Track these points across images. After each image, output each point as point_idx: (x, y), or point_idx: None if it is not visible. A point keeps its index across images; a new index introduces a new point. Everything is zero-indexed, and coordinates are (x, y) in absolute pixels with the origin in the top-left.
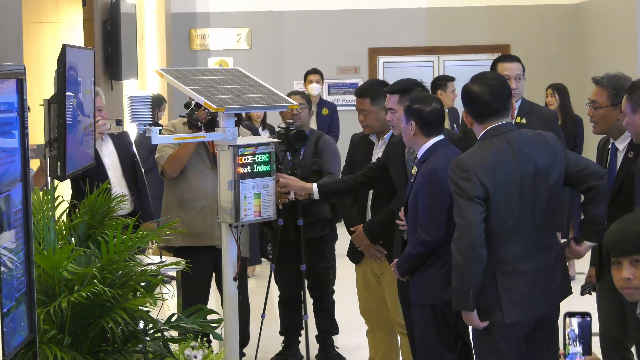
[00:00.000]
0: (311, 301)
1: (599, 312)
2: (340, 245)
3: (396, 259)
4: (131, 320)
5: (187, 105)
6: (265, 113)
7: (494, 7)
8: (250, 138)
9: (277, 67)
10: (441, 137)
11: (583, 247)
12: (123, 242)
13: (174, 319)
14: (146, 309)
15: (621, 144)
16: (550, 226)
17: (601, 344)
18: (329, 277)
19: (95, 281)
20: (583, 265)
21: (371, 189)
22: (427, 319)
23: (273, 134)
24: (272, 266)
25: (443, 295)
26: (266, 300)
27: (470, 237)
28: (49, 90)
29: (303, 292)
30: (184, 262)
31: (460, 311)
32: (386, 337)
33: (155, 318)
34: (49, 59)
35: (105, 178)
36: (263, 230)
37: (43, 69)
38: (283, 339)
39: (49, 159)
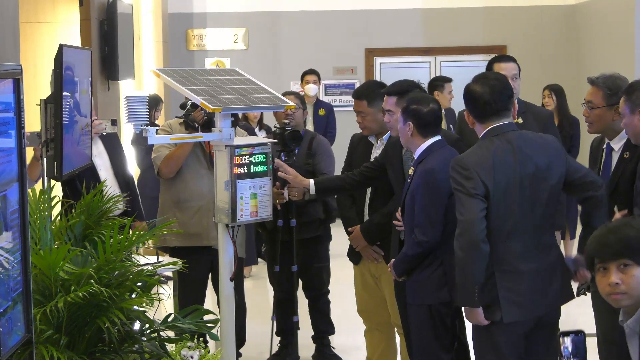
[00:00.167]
0: (306, 302)
1: (594, 313)
2: (337, 246)
3: (393, 260)
4: (128, 320)
5: (182, 105)
6: (262, 113)
7: (490, 8)
8: (247, 138)
9: (273, 67)
10: (438, 137)
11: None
12: (120, 242)
13: (170, 319)
14: (143, 309)
15: (617, 145)
16: (550, 226)
17: (598, 345)
18: (323, 277)
19: (92, 281)
20: None
21: (367, 188)
22: (423, 319)
23: (269, 134)
24: (276, 267)
25: (440, 295)
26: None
27: (471, 233)
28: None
29: (292, 293)
30: (181, 263)
31: (462, 309)
32: (384, 338)
33: (151, 318)
34: (45, 59)
35: (96, 178)
36: (257, 230)
37: (40, 69)
38: (279, 339)
39: (45, 159)
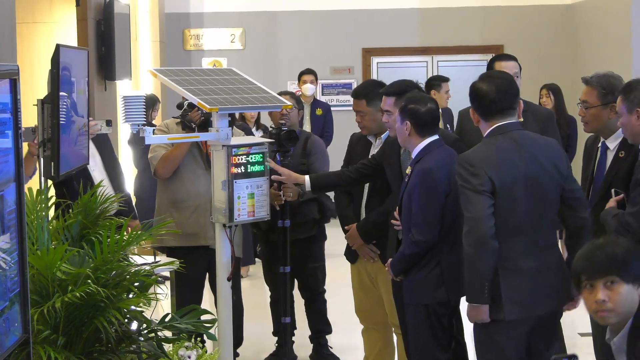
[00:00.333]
0: (302, 302)
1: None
2: (334, 245)
3: (390, 259)
4: (125, 320)
5: (179, 106)
6: (259, 113)
7: (487, 8)
8: (244, 138)
9: (270, 67)
10: (436, 137)
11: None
12: (117, 242)
13: (167, 319)
14: (140, 309)
15: (612, 143)
16: (552, 226)
17: (594, 345)
18: (318, 277)
19: (89, 281)
20: None
21: (363, 185)
22: (420, 319)
23: (266, 134)
24: (286, 268)
25: (437, 295)
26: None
27: (480, 230)
28: (42, 91)
29: (285, 294)
30: (178, 262)
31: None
32: (381, 337)
33: (149, 318)
34: (42, 59)
35: (89, 179)
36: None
37: (37, 69)
38: (276, 339)
39: (42, 159)
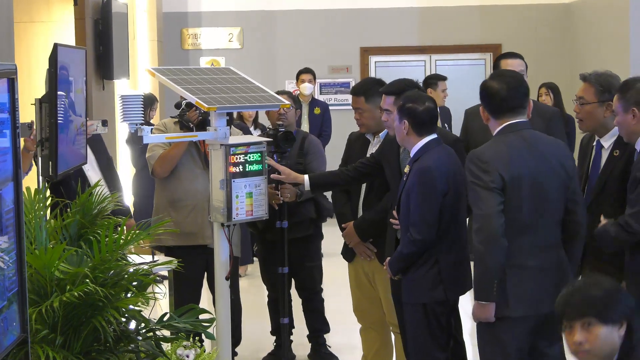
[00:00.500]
0: (300, 301)
1: None
2: (331, 245)
3: (388, 258)
4: (123, 319)
5: (177, 105)
6: (257, 112)
7: (485, 7)
8: (242, 137)
9: (268, 66)
10: (434, 136)
11: None
12: (115, 241)
13: (166, 318)
14: (138, 308)
15: (607, 142)
16: (558, 225)
17: None
18: (315, 276)
19: (87, 280)
20: None
21: (362, 184)
22: (419, 318)
23: (264, 133)
24: (285, 269)
25: (435, 294)
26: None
27: (491, 227)
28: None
29: (283, 295)
30: (176, 262)
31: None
32: (379, 336)
33: (147, 317)
34: (40, 58)
35: (84, 179)
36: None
37: (34, 69)
38: (274, 338)
39: (40, 158)
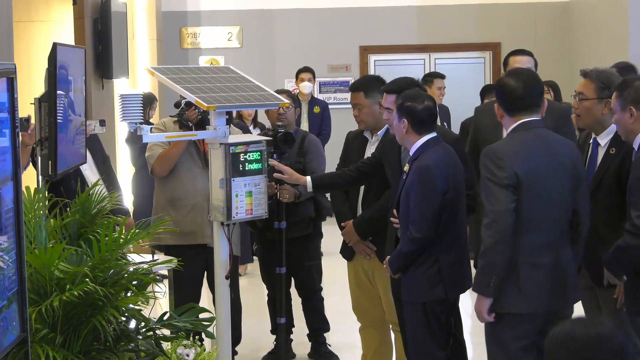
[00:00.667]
0: (300, 300)
1: (585, 314)
2: (330, 243)
3: (388, 256)
4: (123, 318)
5: (177, 104)
6: (256, 111)
7: (484, 5)
8: (242, 136)
9: (268, 65)
10: (433, 134)
11: None
12: (115, 240)
13: (166, 317)
14: (138, 307)
15: (603, 140)
16: (569, 224)
17: None
18: (314, 275)
19: (87, 280)
20: None
21: (365, 184)
22: (418, 316)
23: (263, 132)
24: (282, 269)
25: (434, 293)
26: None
27: (503, 224)
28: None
29: (281, 294)
30: (176, 261)
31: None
32: (378, 335)
33: (147, 317)
34: (39, 57)
35: (82, 179)
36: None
37: (34, 68)
38: (274, 337)
39: (40, 157)
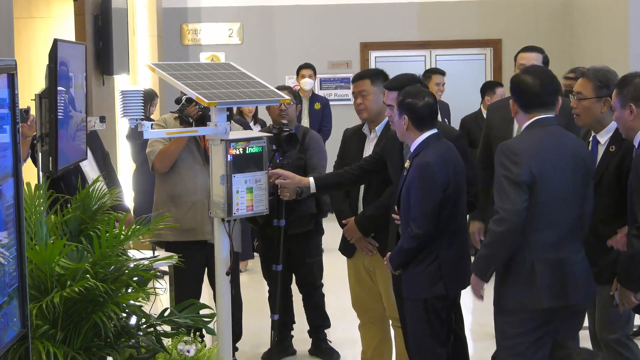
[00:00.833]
0: (301, 296)
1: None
2: (332, 240)
3: (389, 253)
4: (124, 315)
5: (177, 100)
6: (256, 108)
7: (485, 2)
8: (242, 132)
9: (269, 62)
10: (434, 131)
11: None
12: (115, 236)
13: (166, 313)
14: (139, 303)
15: (603, 138)
16: (580, 221)
17: (591, 339)
18: (315, 272)
19: (88, 276)
20: None
21: (367, 182)
22: (419, 313)
23: (264, 128)
24: (279, 267)
25: (435, 289)
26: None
27: (514, 221)
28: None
29: (276, 292)
30: (177, 257)
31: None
32: (378, 331)
33: (147, 313)
34: (40, 54)
35: (82, 175)
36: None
37: (34, 64)
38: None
39: (40, 153)
